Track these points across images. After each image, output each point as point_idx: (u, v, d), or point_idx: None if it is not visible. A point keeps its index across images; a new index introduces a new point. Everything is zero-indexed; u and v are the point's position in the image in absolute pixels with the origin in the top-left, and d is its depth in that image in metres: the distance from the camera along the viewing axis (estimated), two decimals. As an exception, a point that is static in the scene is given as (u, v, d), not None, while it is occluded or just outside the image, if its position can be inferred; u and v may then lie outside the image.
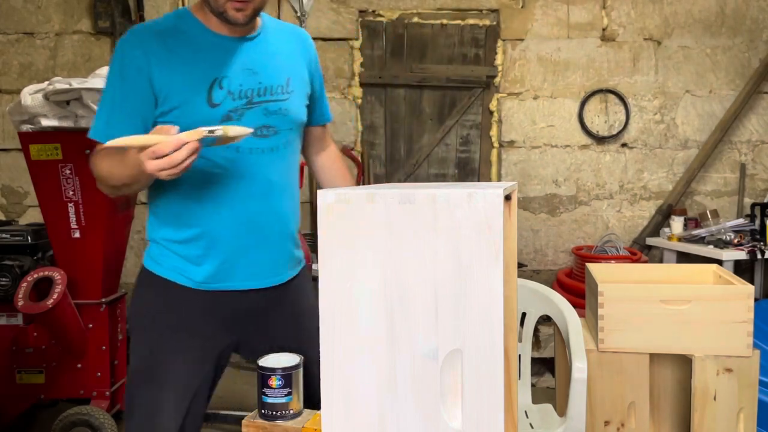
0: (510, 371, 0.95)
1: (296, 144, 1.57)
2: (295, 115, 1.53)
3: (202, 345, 1.48)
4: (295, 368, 1.21)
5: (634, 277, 2.28)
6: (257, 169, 1.46)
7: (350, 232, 0.82)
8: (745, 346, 1.96)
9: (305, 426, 1.18)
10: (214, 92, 1.41)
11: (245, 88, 1.44)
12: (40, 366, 2.68)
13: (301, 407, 1.24)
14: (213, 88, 1.41)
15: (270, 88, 1.48)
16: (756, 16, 4.06)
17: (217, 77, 1.41)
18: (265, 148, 1.47)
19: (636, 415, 2.07)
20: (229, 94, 1.42)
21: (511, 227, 0.95)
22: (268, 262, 1.51)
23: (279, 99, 1.49)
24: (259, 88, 1.46)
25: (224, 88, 1.41)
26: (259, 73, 1.46)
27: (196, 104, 1.39)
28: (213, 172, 1.42)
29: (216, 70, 1.41)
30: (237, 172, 1.44)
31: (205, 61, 1.41)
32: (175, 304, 1.47)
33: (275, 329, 1.56)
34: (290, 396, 1.21)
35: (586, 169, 4.12)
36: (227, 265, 1.47)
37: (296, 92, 1.53)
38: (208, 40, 1.43)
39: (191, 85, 1.39)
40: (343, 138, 4.01)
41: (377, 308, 0.82)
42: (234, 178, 1.44)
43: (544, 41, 4.04)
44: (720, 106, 4.07)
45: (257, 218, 1.48)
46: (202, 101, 1.39)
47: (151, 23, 1.46)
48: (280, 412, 1.20)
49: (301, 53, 1.60)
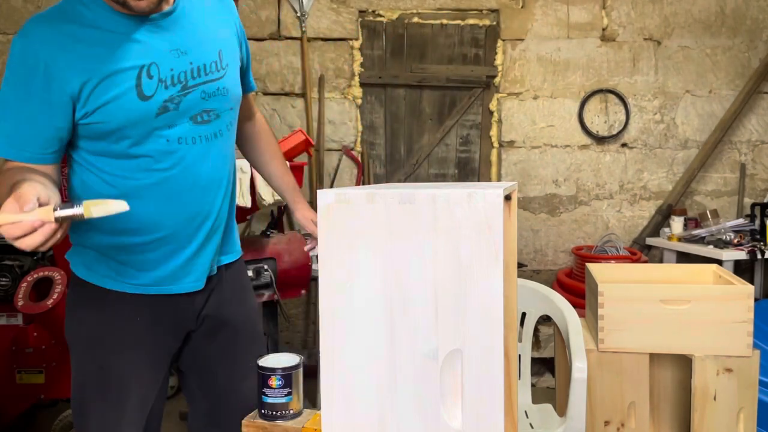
0: (510, 371, 0.95)
1: (236, 122, 1.46)
2: (233, 92, 1.39)
3: (152, 353, 1.39)
4: (295, 368, 1.21)
5: (634, 277, 2.28)
6: (203, 160, 1.34)
7: (350, 232, 0.82)
8: (745, 346, 1.96)
9: (305, 426, 1.18)
10: (144, 83, 1.23)
11: (177, 72, 1.27)
12: (40, 366, 2.68)
13: (301, 407, 1.24)
14: (141, 79, 1.23)
15: (203, 67, 1.31)
16: (756, 16, 4.06)
17: (143, 65, 1.23)
18: (208, 135, 1.34)
19: (636, 415, 2.06)
20: (160, 83, 1.25)
21: (511, 227, 0.95)
22: (210, 260, 1.42)
23: (215, 78, 1.34)
24: (192, 69, 1.30)
25: (153, 76, 1.24)
26: (189, 51, 1.29)
27: (126, 100, 1.22)
28: (156, 169, 1.29)
29: (140, 57, 1.24)
30: (183, 166, 1.31)
31: (125, 48, 1.22)
32: (117, 314, 1.35)
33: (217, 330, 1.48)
34: (290, 396, 1.21)
35: (586, 169, 4.12)
36: (177, 269, 1.37)
37: (230, 65, 1.38)
38: (123, 24, 1.23)
39: (115, 78, 1.21)
40: (343, 138, 4.01)
41: (377, 308, 0.82)
42: (180, 173, 1.31)
43: (544, 41, 4.04)
44: (720, 106, 4.07)
45: (208, 212, 1.38)
46: (131, 96, 1.23)
47: (50, 12, 1.23)
48: (280, 412, 1.20)
49: (225, 18, 1.42)
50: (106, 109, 1.22)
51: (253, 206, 2.55)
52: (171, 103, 1.27)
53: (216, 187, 1.39)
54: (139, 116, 1.23)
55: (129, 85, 1.22)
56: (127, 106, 1.22)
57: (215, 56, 1.34)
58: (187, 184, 1.32)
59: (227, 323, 1.49)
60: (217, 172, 1.39)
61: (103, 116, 1.22)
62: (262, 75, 3.94)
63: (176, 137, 1.29)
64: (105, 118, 1.22)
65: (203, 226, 1.38)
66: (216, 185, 1.39)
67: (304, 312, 4.06)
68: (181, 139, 1.30)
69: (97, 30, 1.22)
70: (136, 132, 1.25)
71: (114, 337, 1.35)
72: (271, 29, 3.93)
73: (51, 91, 1.19)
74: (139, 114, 1.24)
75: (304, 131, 2.85)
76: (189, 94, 1.29)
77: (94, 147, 1.28)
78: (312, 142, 2.93)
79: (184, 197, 1.33)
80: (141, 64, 1.23)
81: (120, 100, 1.22)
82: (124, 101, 1.22)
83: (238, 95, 1.42)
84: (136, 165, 1.28)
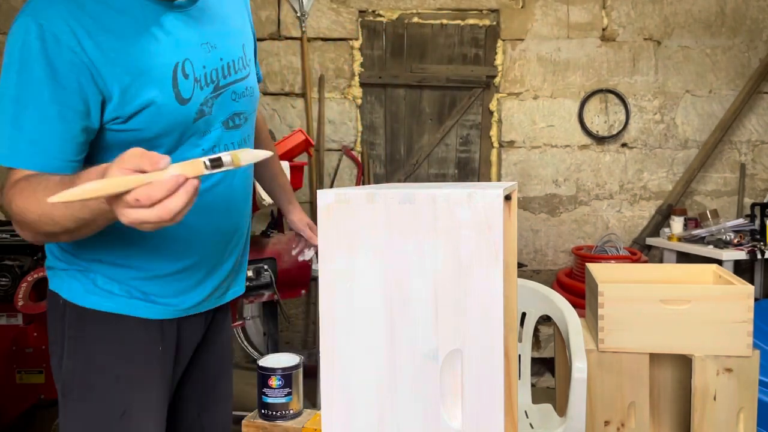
0: (510, 371, 0.95)
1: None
2: (257, 91, 1.26)
3: (167, 386, 1.21)
4: (295, 368, 1.21)
5: (634, 277, 2.28)
6: (233, 172, 1.16)
7: (350, 232, 0.82)
8: (745, 346, 1.96)
9: (305, 426, 1.18)
10: (181, 82, 1.05)
11: (209, 69, 1.11)
12: (40, 366, 2.68)
13: (301, 407, 1.24)
14: (177, 78, 1.05)
15: (232, 63, 1.16)
16: (756, 16, 4.06)
17: (177, 62, 1.05)
18: (239, 141, 1.19)
19: (636, 415, 2.06)
20: (196, 83, 1.08)
21: (511, 227, 0.95)
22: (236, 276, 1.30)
23: (243, 77, 1.19)
24: (223, 67, 1.14)
25: (189, 75, 1.06)
26: (218, 46, 1.13)
27: (165, 103, 1.04)
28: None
29: (173, 52, 1.05)
30: (217, 178, 1.14)
31: (157, 40, 1.03)
32: (136, 345, 1.14)
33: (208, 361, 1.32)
34: (290, 396, 1.21)
35: (586, 169, 4.11)
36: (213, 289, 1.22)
37: (251, 61, 1.25)
38: (150, 9, 1.04)
39: (151, 76, 1.02)
40: (342, 138, 4.01)
41: (377, 308, 0.82)
42: (215, 186, 1.14)
43: (544, 41, 4.04)
44: (720, 106, 4.07)
45: (237, 229, 1.24)
46: (170, 98, 1.04)
47: None
48: (280, 412, 1.20)
49: (241, 3, 1.27)
50: (145, 114, 1.02)
51: (253, 206, 2.54)
52: (206, 106, 1.10)
53: (247, 201, 1.26)
54: (177, 122, 1.06)
55: (166, 86, 1.03)
56: (166, 111, 1.04)
57: (240, 51, 1.20)
58: (223, 200, 1.17)
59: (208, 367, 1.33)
60: (248, 185, 1.25)
61: (140, 123, 1.03)
62: (262, 75, 3.94)
63: (211, 145, 1.13)
64: (142, 125, 1.03)
65: (238, 244, 1.26)
66: (247, 199, 1.26)
67: (304, 312, 4.06)
68: (215, 148, 1.13)
69: (123, 14, 1.01)
70: (170, 140, 1.07)
71: (137, 374, 1.14)
72: (271, 29, 3.93)
73: (81, 83, 0.97)
74: (178, 120, 1.06)
75: (304, 131, 2.85)
76: (221, 96, 1.13)
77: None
78: (312, 142, 2.93)
79: (220, 214, 1.17)
80: (176, 60, 1.05)
81: (158, 104, 1.03)
82: (163, 105, 1.03)
83: (258, 95, 1.28)
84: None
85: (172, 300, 1.16)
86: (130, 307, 1.13)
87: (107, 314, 1.12)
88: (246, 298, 2.53)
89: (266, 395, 1.21)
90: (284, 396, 1.20)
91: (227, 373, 1.39)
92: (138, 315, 1.13)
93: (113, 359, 1.12)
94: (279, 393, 1.20)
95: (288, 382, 1.20)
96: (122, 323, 1.12)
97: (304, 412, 1.23)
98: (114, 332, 1.12)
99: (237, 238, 1.25)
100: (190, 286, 1.18)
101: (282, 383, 1.20)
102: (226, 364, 1.38)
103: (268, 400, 1.21)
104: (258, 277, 2.49)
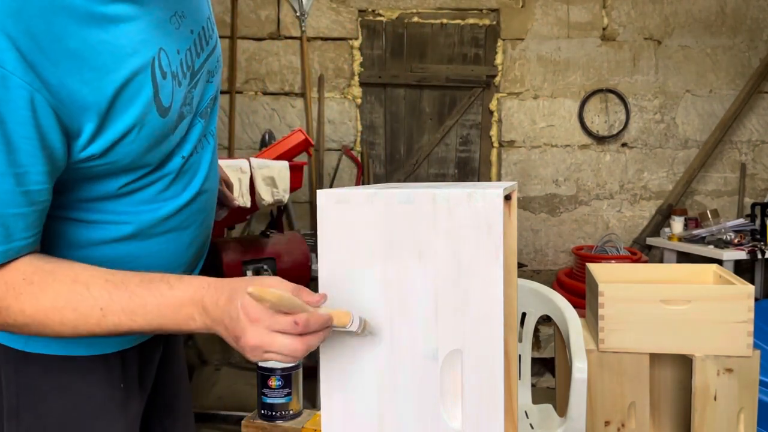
0: (510, 371, 0.95)
1: None
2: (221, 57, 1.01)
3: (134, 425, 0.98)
4: (294, 368, 1.21)
5: (634, 277, 2.27)
6: (211, 166, 0.98)
7: (350, 232, 0.82)
8: (745, 346, 1.96)
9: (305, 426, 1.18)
10: (161, 87, 0.80)
11: (183, 52, 0.85)
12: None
13: (301, 407, 1.24)
14: (156, 81, 0.79)
15: (203, 33, 0.91)
16: (756, 15, 4.06)
17: (153, 56, 0.79)
18: (212, 132, 0.98)
19: (636, 415, 2.06)
20: (173, 79, 0.83)
21: (511, 227, 0.95)
22: None
23: (213, 47, 0.95)
24: (195, 42, 0.89)
25: (166, 72, 0.81)
26: (187, 14, 0.87)
27: (148, 122, 0.79)
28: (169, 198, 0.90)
29: (144, 44, 0.78)
30: (197, 181, 0.94)
31: (124, 30, 0.75)
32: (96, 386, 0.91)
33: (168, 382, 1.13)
34: (290, 396, 1.21)
35: (586, 169, 4.11)
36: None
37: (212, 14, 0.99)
38: None
39: (129, 90, 0.76)
40: (342, 138, 4.01)
41: (377, 308, 0.82)
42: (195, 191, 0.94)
43: (544, 41, 4.03)
44: (720, 105, 4.07)
45: (207, 239, 1.04)
46: (152, 114, 0.79)
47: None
48: (279, 412, 1.20)
49: None
50: (125, 142, 0.78)
51: (252, 206, 2.54)
52: (185, 106, 0.87)
53: (214, 210, 1.06)
54: (157, 139, 0.82)
55: (147, 98, 0.78)
56: (148, 132, 0.80)
57: (207, 8, 0.95)
58: (201, 210, 0.97)
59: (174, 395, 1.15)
60: (215, 184, 1.04)
61: (118, 154, 0.78)
62: (261, 75, 3.94)
63: (191, 149, 0.91)
64: (120, 155, 0.79)
65: (203, 255, 1.06)
66: (213, 201, 1.04)
67: (304, 312, 4.06)
68: (197, 147, 0.93)
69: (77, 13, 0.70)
70: (148, 162, 0.84)
71: (99, 422, 0.92)
72: (270, 29, 3.93)
73: (42, 126, 0.70)
74: (159, 137, 0.82)
75: (303, 131, 2.85)
76: (198, 82, 0.90)
77: (87, 192, 0.83)
78: (311, 141, 2.93)
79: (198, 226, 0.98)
80: (151, 56, 0.78)
81: (141, 126, 0.78)
82: (147, 125, 0.79)
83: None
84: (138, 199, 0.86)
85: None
86: (86, 344, 0.88)
87: (57, 358, 0.88)
88: (246, 298, 2.52)
89: (266, 395, 1.21)
90: (284, 396, 1.20)
91: (186, 390, 1.20)
92: (96, 352, 0.90)
93: (69, 415, 0.89)
94: (279, 393, 1.20)
95: (288, 382, 1.20)
96: (76, 366, 0.89)
97: (304, 413, 1.23)
98: (66, 380, 0.89)
99: (204, 249, 1.06)
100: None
101: (282, 383, 1.20)
102: (183, 383, 1.19)
103: (267, 400, 1.21)
104: (258, 277, 2.49)
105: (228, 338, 0.73)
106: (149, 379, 1.04)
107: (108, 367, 0.92)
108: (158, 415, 1.10)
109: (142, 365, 1.00)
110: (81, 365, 0.89)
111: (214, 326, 0.73)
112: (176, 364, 1.15)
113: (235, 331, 0.71)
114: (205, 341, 3.90)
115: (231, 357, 3.91)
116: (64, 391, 0.89)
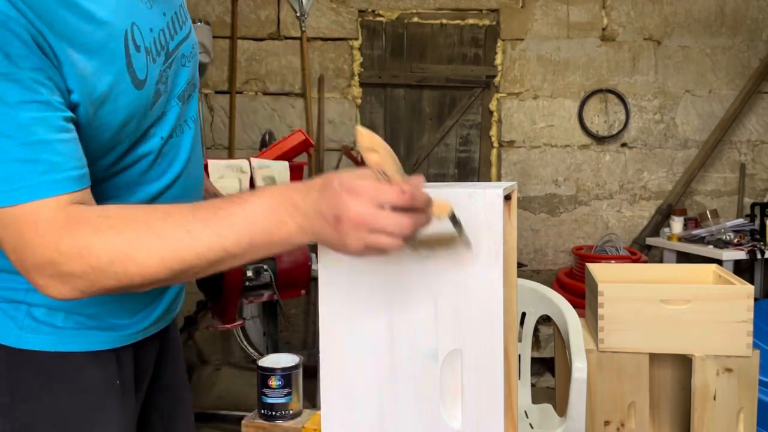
0: (510, 371, 0.95)
1: None
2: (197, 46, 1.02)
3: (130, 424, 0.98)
4: (294, 368, 1.21)
5: (634, 277, 2.28)
6: (193, 153, 0.98)
7: (350, 232, 0.82)
8: (745, 346, 1.96)
9: (305, 426, 1.18)
10: (134, 59, 0.81)
11: (156, 31, 0.86)
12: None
13: (301, 407, 1.24)
14: (130, 53, 0.80)
15: (175, 17, 0.92)
16: (756, 15, 4.06)
17: (125, 29, 0.80)
18: (192, 118, 0.98)
19: (636, 415, 2.06)
20: (147, 55, 0.84)
21: (511, 227, 0.95)
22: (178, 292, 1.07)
23: (187, 31, 0.96)
24: (168, 24, 0.90)
25: (140, 46, 0.82)
26: None
27: (122, 90, 0.80)
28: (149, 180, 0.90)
29: (118, 16, 0.79)
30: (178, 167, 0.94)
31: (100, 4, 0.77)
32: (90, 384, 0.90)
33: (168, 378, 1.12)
34: (290, 396, 1.21)
35: (585, 169, 4.11)
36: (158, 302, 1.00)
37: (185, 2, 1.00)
38: None
39: (102, 56, 0.77)
40: (342, 138, 4.01)
41: (377, 308, 0.82)
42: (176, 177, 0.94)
43: (544, 41, 4.03)
44: (720, 106, 4.07)
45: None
46: (126, 83, 0.80)
47: None
48: (279, 412, 1.20)
49: None
50: (104, 111, 0.79)
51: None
52: (161, 83, 0.87)
53: (200, 189, 1.04)
54: (135, 112, 0.83)
55: (120, 66, 0.79)
56: (125, 102, 0.80)
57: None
58: (182, 189, 0.96)
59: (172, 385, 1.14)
60: (201, 167, 1.03)
61: (100, 122, 0.79)
62: (261, 75, 3.94)
63: (170, 130, 0.91)
64: (102, 123, 0.80)
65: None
66: (201, 186, 1.04)
67: (304, 312, 4.06)
68: (176, 129, 0.93)
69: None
70: (127, 136, 0.84)
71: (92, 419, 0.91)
72: (270, 29, 3.93)
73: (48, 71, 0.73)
74: (136, 109, 0.83)
75: (303, 131, 2.86)
76: (173, 63, 0.91)
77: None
78: (312, 142, 2.93)
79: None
80: (123, 28, 0.80)
81: (115, 93, 0.79)
82: (122, 94, 0.80)
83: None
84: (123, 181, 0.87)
85: (129, 321, 0.95)
86: (80, 339, 0.89)
87: (49, 355, 0.87)
88: (246, 298, 2.52)
89: (266, 395, 1.21)
90: (284, 396, 1.20)
91: (186, 390, 1.19)
92: (89, 349, 0.90)
93: (61, 412, 0.88)
94: (279, 393, 1.20)
95: (288, 382, 1.20)
96: (69, 363, 0.88)
97: (304, 412, 1.23)
98: (59, 377, 0.88)
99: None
100: (148, 303, 0.98)
101: (282, 383, 1.20)
102: (183, 383, 1.19)
103: (267, 400, 1.21)
104: (258, 277, 2.49)
105: (326, 229, 0.68)
106: (145, 379, 1.04)
107: (101, 365, 0.92)
108: (158, 415, 1.10)
109: (137, 365, 0.99)
110: (74, 362, 0.89)
111: (308, 223, 0.69)
112: (176, 364, 1.15)
113: (336, 210, 0.66)
114: (205, 341, 3.90)
115: (231, 357, 3.91)
116: (57, 388, 0.88)
